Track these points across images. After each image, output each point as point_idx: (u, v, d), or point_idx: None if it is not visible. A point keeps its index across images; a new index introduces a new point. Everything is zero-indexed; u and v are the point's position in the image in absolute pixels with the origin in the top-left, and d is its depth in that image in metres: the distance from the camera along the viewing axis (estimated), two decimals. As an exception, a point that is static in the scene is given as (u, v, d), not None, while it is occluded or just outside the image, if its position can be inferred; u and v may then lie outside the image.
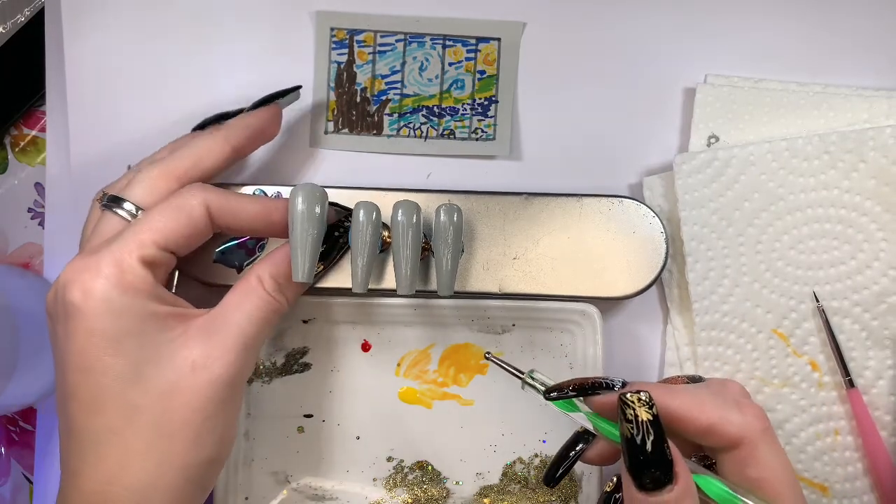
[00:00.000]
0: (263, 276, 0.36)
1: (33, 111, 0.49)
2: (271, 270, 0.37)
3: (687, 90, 0.47)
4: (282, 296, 0.37)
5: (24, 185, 0.49)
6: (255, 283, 0.36)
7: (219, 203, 0.36)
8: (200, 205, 0.35)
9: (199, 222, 0.35)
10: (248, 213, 0.37)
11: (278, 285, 0.37)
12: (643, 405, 0.30)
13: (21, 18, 0.48)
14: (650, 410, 0.29)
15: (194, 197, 0.35)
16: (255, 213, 0.37)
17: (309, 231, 0.36)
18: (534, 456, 0.45)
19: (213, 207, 0.36)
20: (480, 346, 0.45)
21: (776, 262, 0.44)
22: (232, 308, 0.35)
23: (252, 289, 0.36)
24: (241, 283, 0.36)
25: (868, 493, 0.44)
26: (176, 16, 0.47)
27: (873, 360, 0.44)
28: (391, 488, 0.45)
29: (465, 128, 0.47)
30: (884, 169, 0.43)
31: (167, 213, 0.35)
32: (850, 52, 0.47)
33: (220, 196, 0.36)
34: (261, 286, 0.36)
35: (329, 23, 0.47)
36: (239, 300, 0.36)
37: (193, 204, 0.35)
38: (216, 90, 0.47)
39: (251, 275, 0.36)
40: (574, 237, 0.44)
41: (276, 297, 0.37)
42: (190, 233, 0.35)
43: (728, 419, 0.32)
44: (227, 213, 0.36)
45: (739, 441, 0.31)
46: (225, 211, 0.36)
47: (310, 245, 0.36)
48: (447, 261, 0.40)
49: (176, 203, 0.35)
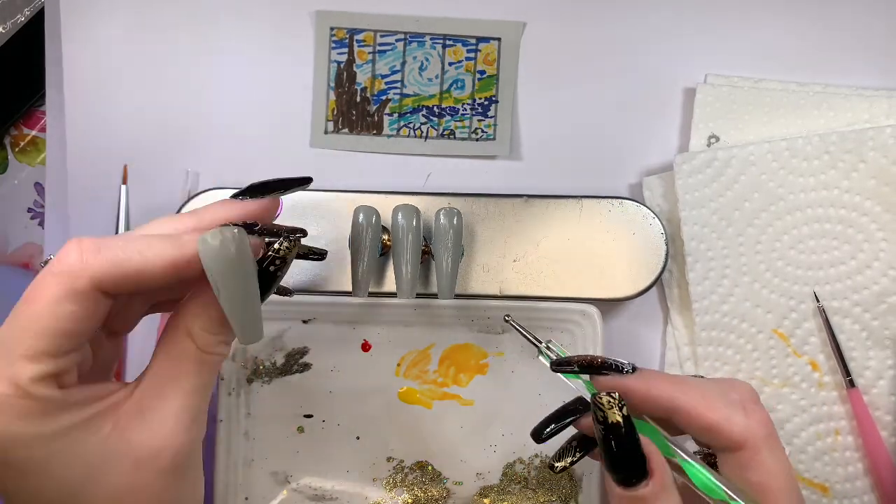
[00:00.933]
0: (193, 329, 0.29)
1: (33, 111, 0.49)
2: (202, 323, 0.29)
3: (687, 90, 0.47)
4: (221, 346, 0.30)
5: (24, 185, 0.49)
6: (185, 339, 0.29)
7: (111, 273, 0.27)
8: (88, 286, 0.27)
9: (91, 306, 0.27)
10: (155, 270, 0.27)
11: (213, 337, 0.29)
12: (613, 407, 0.30)
13: (21, 18, 0.48)
14: (620, 412, 0.30)
15: (77, 279, 0.26)
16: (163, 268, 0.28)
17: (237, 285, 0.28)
18: (534, 456, 0.45)
19: (105, 282, 0.27)
20: (480, 346, 0.45)
21: (776, 262, 0.44)
22: (165, 379, 0.29)
23: (183, 349, 0.29)
24: (167, 342, 0.29)
25: (868, 493, 0.44)
26: (175, 15, 0.47)
27: (874, 360, 0.44)
28: (391, 488, 0.45)
29: (465, 128, 0.47)
30: (884, 169, 0.43)
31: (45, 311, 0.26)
32: (850, 52, 0.46)
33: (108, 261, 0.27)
34: (192, 343, 0.29)
35: (329, 22, 0.47)
36: (171, 368, 0.29)
37: (80, 288, 0.26)
38: (216, 90, 0.47)
39: (178, 330, 0.29)
40: (574, 239, 0.44)
41: (215, 350, 0.30)
42: (83, 324, 0.27)
43: (733, 421, 0.31)
44: (125, 280, 0.27)
45: (742, 444, 0.31)
46: (122, 279, 0.27)
47: (243, 302, 0.28)
48: (447, 264, 0.40)
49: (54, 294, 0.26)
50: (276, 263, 0.29)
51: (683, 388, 0.32)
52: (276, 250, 0.29)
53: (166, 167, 0.47)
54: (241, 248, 0.27)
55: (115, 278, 0.27)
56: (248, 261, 0.28)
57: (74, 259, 0.27)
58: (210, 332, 0.29)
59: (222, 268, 0.27)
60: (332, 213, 0.44)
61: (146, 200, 0.47)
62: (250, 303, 0.28)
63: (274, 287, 0.30)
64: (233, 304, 0.28)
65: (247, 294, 0.28)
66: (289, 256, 0.30)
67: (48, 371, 0.27)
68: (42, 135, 0.49)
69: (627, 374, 0.33)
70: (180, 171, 0.47)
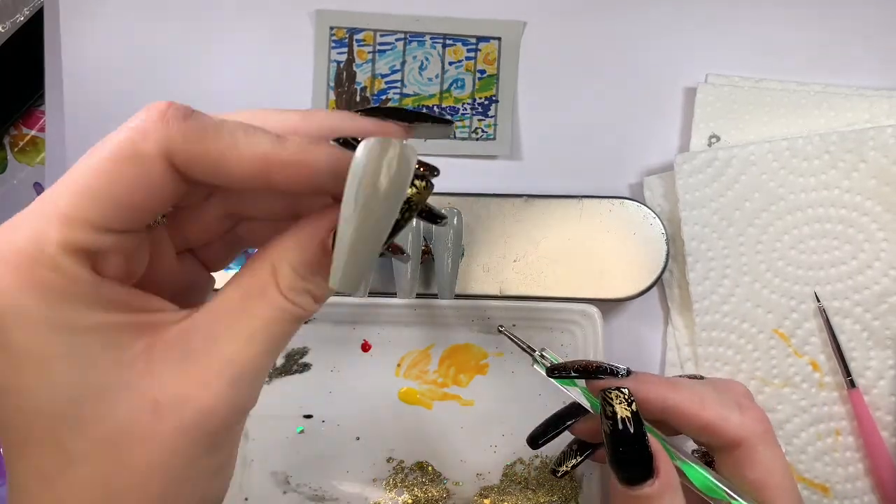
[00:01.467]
0: (280, 267, 0.23)
1: (32, 111, 0.49)
2: (293, 258, 0.23)
3: (687, 90, 0.47)
4: (306, 298, 0.24)
5: (24, 185, 0.49)
6: (267, 277, 0.23)
7: (190, 147, 0.22)
8: (155, 152, 0.22)
9: (155, 180, 0.22)
10: (243, 164, 0.22)
11: (302, 281, 0.23)
12: (623, 402, 0.30)
13: (20, 18, 0.48)
14: (629, 407, 0.30)
15: (146, 139, 0.21)
16: (253, 164, 0.22)
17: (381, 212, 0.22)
18: (534, 457, 0.45)
19: (179, 156, 0.22)
20: (480, 346, 0.45)
21: (777, 262, 0.44)
22: (226, 316, 0.23)
23: (261, 286, 0.23)
24: (245, 273, 0.24)
25: (869, 494, 0.44)
26: (175, 15, 0.47)
27: (874, 361, 0.44)
28: (391, 489, 0.45)
29: (466, 127, 0.47)
30: (884, 169, 0.43)
31: (101, 167, 0.21)
32: (850, 52, 0.46)
33: (191, 133, 0.22)
34: (274, 283, 0.23)
35: (329, 22, 0.47)
36: (237, 306, 0.23)
37: (145, 150, 0.21)
38: (215, 89, 0.47)
39: (262, 262, 0.23)
40: (574, 239, 0.43)
41: (299, 299, 0.23)
42: (142, 199, 0.22)
43: (728, 419, 0.31)
44: (204, 163, 0.22)
45: (738, 442, 0.31)
46: (201, 159, 0.22)
47: (373, 238, 0.22)
48: (448, 264, 0.40)
49: (115, 150, 0.21)
50: (402, 206, 0.22)
51: (677, 389, 0.32)
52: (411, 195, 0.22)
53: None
54: (409, 164, 0.21)
55: (193, 156, 0.22)
56: (403, 189, 0.22)
57: (154, 117, 0.22)
58: (299, 274, 0.23)
59: (385, 182, 0.21)
60: (332, 213, 0.44)
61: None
62: (375, 241, 0.22)
63: (396, 236, 0.23)
64: (357, 234, 0.21)
65: (379, 229, 0.22)
66: (418, 200, 0.23)
67: (83, 241, 0.21)
68: (41, 135, 0.49)
69: (622, 378, 0.33)
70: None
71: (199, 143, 0.22)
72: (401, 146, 0.21)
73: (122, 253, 0.23)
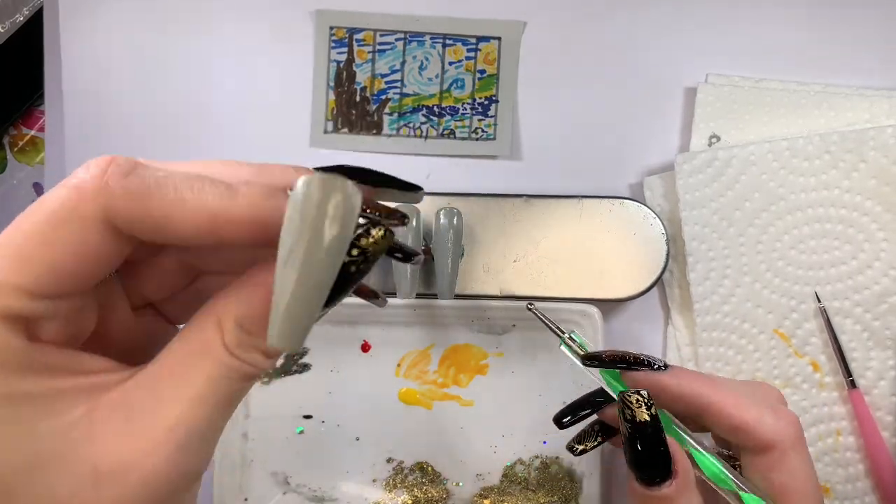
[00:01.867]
0: (226, 322, 0.22)
1: (32, 111, 0.49)
2: (239, 312, 0.22)
3: (688, 90, 0.47)
4: (255, 354, 0.22)
5: (23, 185, 0.49)
6: (213, 333, 0.22)
7: (132, 207, 0.20)
8: (94, 214, 0.20)
9: (94, 243, 0.21)
10: (188, 222, 0.21)
11: (250, 337, 0.22)
12: (642, 406, 0.30)
13: (20, 18, 0.48)
14: (649, 411, 0.30)
15: (84, 200, 0.20)
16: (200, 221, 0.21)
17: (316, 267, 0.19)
18: (534, 457, 0.45)
19: (121, 216, 0.20)
20: (480, 346, 0.45)
21: (777, 262, 0.44)
22: (171, 374, 0.22)
23: (206, 343, 0.22)
24: (191, 329, 0.22)
25: (869, 494, 0.44)
26: (174, 15, 0.47)
27: (875, 361, 0.44)
28: (391, 489, 0.45)
29: (466, 127, 0.47)
30: (884, 169, 0.43)
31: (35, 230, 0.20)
32: (850, 52, 0.46)
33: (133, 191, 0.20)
34: (220, 340, 0.22)
35: (329, 21, 0.47)
36: (182, 363, 0.22)
37: (83, 212, 0.20)
38: (215, 89, 0.47)
39: (207, 316, 0.22)
40: (575, 239, 0.43)
41: (245, 356, 0.22)
42: (80, 263, 0.21)
43: (763, 421, 0.31)
44: (148, 222, 0.21)
45: (771, 445, 0.31)
46: (144, 218, 0.21)
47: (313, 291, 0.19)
48: (448, 264, 0.40)
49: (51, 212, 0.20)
50: (354, 257, 0.21)
51: (715, 387, 0.32)
52: (356, 237, 0.20)
53: (165, 167, 0.47)
54: (353, 208, 0.19)
55: (136, 214, 0.20)
56: (347, 235, 0.19)
57: (93, 175, 0.20)
58: (246, 330, 0.22)
59: (317, 225, 0.18)
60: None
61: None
62: (315, 294, 0.19)
63: (348, 290, 0.21)
64: (295, 286, 0.19)
65: (319, 281, 0.19)
66: (375, 250, 0.21)
67: (16, 309, 0.20)
68: (41, 134, 0.49)
69: (659, 371, 0.32)
70: (179, 170, 0.47)
71: (141, 201, 0.20)
72: (345, 187, 0.19)
73: (62, 317, 0.21)
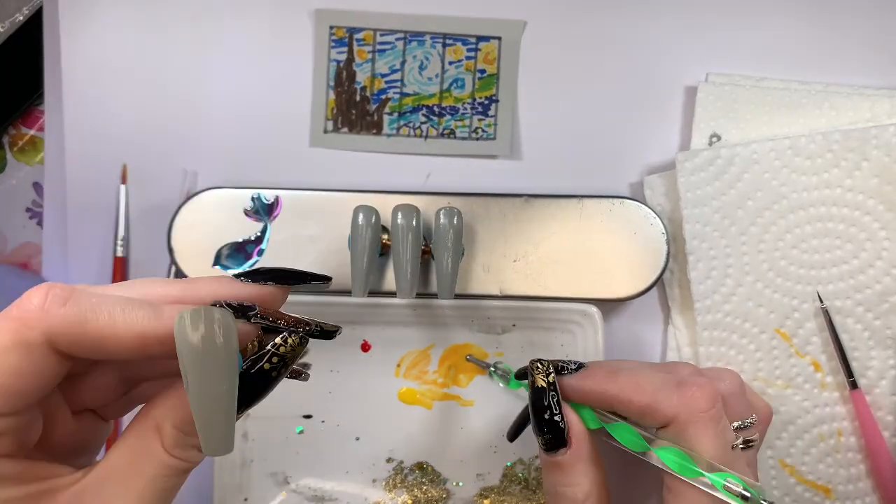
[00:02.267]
0: (163, 425, 0.25)
1: (32, 110, 0.49)
2: (175, 416, 0.25)
3: (688, 89, 0.47)
4: (191, 451, 0.25)
5: (23, 184, 0.49)
6: (152, 436, 0.25)
7: (70, 332, 0.23)
8: (39, 340, 0.23)
9: (40, 365, 0.23)
10: (121, 342, 0.24)
11: (185, 437, 0.25)
12: (542, 373, 0.35)
13: (19, 17, 0.48)
14: (546, 379, 0.34)
15: (29, 328, 0.23)
16: (131, 340, 0.24)
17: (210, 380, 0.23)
18: (534, 457, 0.45)
19: (61, 340, 0.23)
20: (480, 346, 0.45)
21: (779, 261, 0.44)
22: (117, 476, 0.24)
23: (147, 446, 0.24)
24: (131, 432, 0.25)
25: (870, 495, 0.44)
26: (174, 14, 0.47)
27: (876, 360, 0.44)
28: (391, 489, 0.45)
29: (466, 127, 0.47)
30: (887, 167, 0.43)
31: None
32: (851, 51, 0.46)
33: (71, 317, 0.23)
34: (159, 442, 0.24)
35: (328, 21, 0.47)
36: (127, 465, 0.24)
37: (29, 339, 0.23)
38: (215, 89, 0.47)
39: (147, 421, 0.25)
40: (575, 239, 0.43)
41: (183, 455, 0.25)
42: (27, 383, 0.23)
43: (661, 400, 0.33)
44: (85, 343, 0.23)
45: (671, 419, 0.33)
46: (81, 340, 0.23)
47: (213, 402, 0.23)
48: (447, 264, 0.40)
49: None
50: (272, 362, 0.24)
51: (614, 378, 0.34)
52: (276, 345, 0.24)
53: (165, 167, 0.47)
54: (223, 333, 0.23)
55: (74, 338, 0.23)
56: (229, 352, 0.23)
57: (35, 306, 0.23)
58: (182, 431, 0.25)
59: (193, 355, 0.22)
60: (332, 213, 0.44)
61: (145, 200, 0.47)
62: (222, 405, 0.23)
63: (267, 392, 0.25)
64: (201, 403, 0.22)
65: (220, 393, 0.23)
66: (290, 356, 0.25)
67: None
68: (40, 134, 0.49)
69: (570, 373, 0.35)
70: (179, 170, 0.47)
71: (79, 325, 0.23)
72: (216, 314, 0.23)
73: (12, 431, 0.24)
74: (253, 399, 0.25)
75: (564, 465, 0.34)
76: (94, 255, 0.47)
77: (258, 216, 0.44)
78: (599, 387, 0.34)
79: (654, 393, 0.33)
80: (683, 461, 0.32)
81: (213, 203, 0.44)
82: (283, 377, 0.25)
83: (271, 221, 0.44)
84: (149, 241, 0.47)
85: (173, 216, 0.44)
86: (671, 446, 0.32)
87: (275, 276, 0.27)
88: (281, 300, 0.27)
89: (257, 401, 0.25)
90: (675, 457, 0.32)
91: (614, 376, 0.35)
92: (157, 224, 0.46)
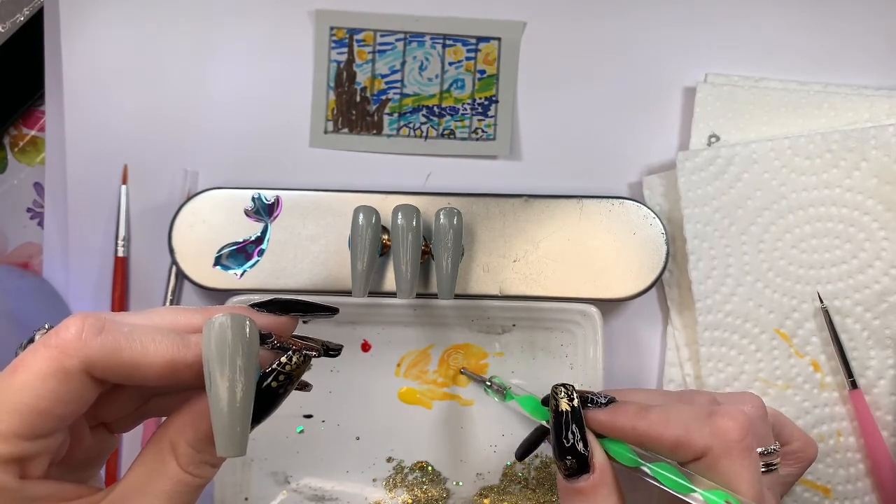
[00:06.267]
0: (178, 444, 0.26)
1: (32, 111, 0.49)
2: (189, 435, 0.26)
3: (687, 89, 0.47)
4: (204, 467, 0.27)
5: (24, 184, 0.49)
6: (168, 454, 0.26)
7: (107, 360, 0.25)
8: (77, 368, 0.25)
9: (77, 390, 0.25)
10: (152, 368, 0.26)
11: (199, 454, 0.26)
12: (565, 397, 0.33)
13: (20, 18, 0.48)
14: (570, 403, 0.33)
15: (68, 357, 0.24)
16: (161, 367, 0.26)
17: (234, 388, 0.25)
18: (534, 457, 0.45)
19: (97, 368, 0.25)
20: (480, 346, 0.45)
21: (779, 261, 0.44)
22: (134, 494, 0.26)
23: (163, 464, 0.26)
24: (148, 452, 0.27)
25: (869, 494, 0.44)
26: (174, 15, 0.47)
27: (875, 360, 0.44)
28: (391, 489, 0.45)
29: (465, 127, 0.47)
30: (886, 168, 0.43)
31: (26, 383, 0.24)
32: (850, 52, 0.46)
33: (107, 346, 0.25)
34: (174, 460, 0.26)
35: (329, 22, 0.47)
36: (145, 483, 0.26)
37: (68, 367, 0.25)
38: (215, 89, 0.47)
39: (162, 440, 0.27)
40: (574, 239, 0.43)
41: (197, 471, 0.27)
42: (64, 407, 0.25)
43: (692, 433, 0.32)
44: (119, 370, 0.25)
45: (704, 451, 0.31)
46: (116, 368, 0.25)
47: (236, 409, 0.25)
48: (447, 264, 0.40)
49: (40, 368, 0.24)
50: (279, 380, 0.26)
51: (644, 415, 0.33)
52: (281, 364, 0.26)
53: (166, 167, 0.47)
54: (249, 332, 0.25)
55: (110, 365, 0.25)
56: (252, 352, 0.25)
57: (73, 335, 0.25)
58: (196, 449, 0.26)
59: (221, 350, 0.24)
60: (332, 213, 0.44)
61: (146, 200, 0.47)
62: (240, 405, 0.25)
63: (274, 408, 0.27)
64: (221, 403, 0.24)
65: (240, 393, 0.25)
66: (296, 373, 0.27)
67: (13, 454, 0.24)
68: (41, 134, 0.49)
69: (601, 407, 0.34)
70: (180, 170, 0.47)
71: (113, 354, 0.25)
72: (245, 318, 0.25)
73: (48, 453, 0.26)
74: (262, 415, 0.26)
75: (586, 493, 0.32)
76: (95, 255, 0.47)
77: (259, 216, 0.44)
78: (630, 423, 0.33)
79: (685, 426, 0.32)
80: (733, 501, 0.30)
81: (213, 203, 0.44)
82: (290, 393, 0.27)
83: (272, 221, 0.44)
84: (149, 241, 0.47)
85: (174, 216, 0.44)
86: (718, 489, 0.31)
87: (288, 307, 0.29)
88: (293, 329, 0.30)
89: (266, 416, 0.27)
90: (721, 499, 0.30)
91: (645, 412, 0.33)
92: (158, 224, 0.46)
